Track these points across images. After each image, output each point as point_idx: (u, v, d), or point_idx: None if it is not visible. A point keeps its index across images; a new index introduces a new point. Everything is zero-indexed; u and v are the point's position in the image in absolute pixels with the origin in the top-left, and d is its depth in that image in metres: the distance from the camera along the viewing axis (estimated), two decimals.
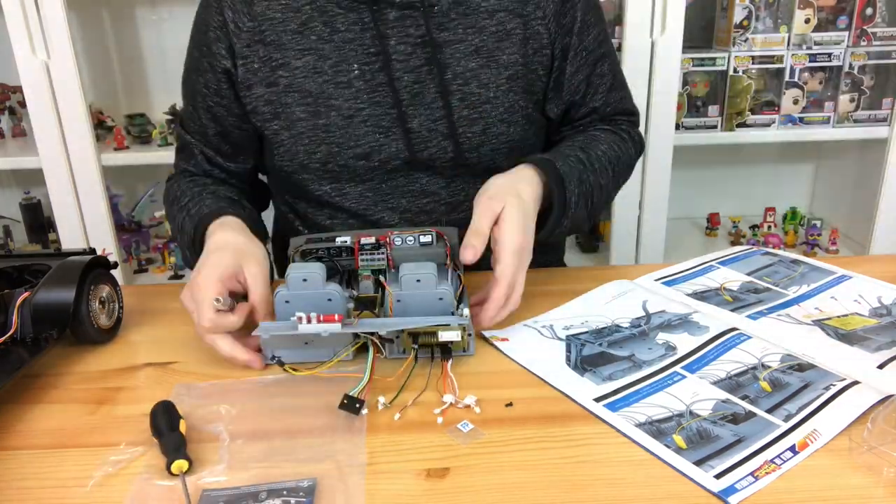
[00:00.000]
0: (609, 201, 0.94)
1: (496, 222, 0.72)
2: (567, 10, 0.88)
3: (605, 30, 0.93)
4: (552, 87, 0.91)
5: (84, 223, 1.56)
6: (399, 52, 0.84)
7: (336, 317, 0.64)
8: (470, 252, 0.70)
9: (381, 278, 0.74)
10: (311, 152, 0.87)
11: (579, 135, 0.93)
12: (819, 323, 0.75)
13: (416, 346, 0.68)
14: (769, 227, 1.83)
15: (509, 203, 0.73)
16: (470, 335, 0.70)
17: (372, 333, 0.67)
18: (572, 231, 0.86)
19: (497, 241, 0.72)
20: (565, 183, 0.80)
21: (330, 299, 0.67)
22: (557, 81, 0.91)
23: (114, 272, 0.79)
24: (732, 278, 0.87)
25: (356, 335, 0.68)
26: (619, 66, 0.97)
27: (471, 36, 0.85)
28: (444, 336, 0.67)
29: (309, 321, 0.64)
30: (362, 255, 0.75)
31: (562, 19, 0.88)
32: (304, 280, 0.67)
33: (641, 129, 1.02)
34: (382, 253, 0.75)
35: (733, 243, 1.80)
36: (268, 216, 0.99)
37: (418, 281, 0.68)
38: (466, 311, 0.69)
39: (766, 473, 0.52)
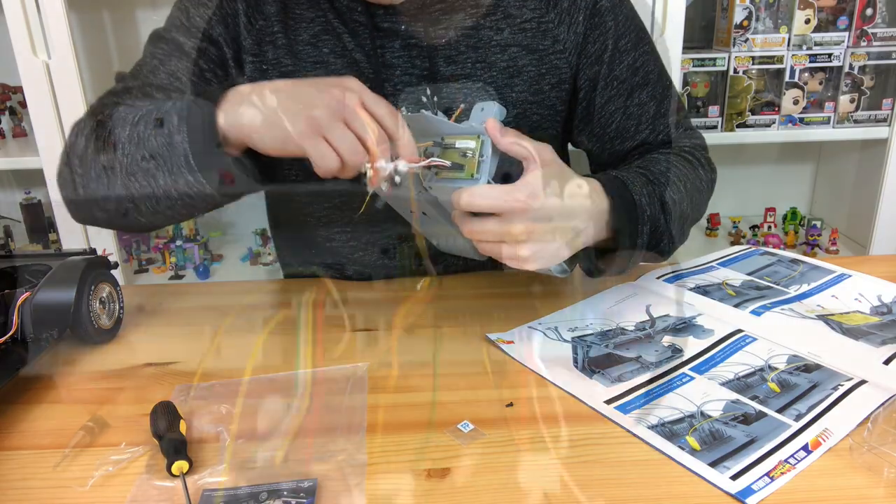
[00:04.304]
0: (687, 223, 0.83)
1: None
2: (596, 38, 0.84)
3: (648, 52, 0.87)
4: (581, 117, 0.88)
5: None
6: (403, 83, 0.82)
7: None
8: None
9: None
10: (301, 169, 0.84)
11: (636, 160, 0.86)
12: (823, 317, 0.75)
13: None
14: (769, 227, 1.83)
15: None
16: (483, 159, 0.65)
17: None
18: (655, 245, 0.76)
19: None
20: (628, 185, 0.73)
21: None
22: (587, 112, 0.88)
23: (114, 272, 0.79)
24: (733, 277, 0.87)
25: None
26: (669, 91, 0.88)
27: (479, 71, 0.82)
28: (461, 144, 0.66)
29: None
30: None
31: (588, 47, 0.84)
32: None
33: None
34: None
35: (733, 243, 1.80)
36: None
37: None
38: (485, 126, 0.65)
39: (782, 473, 0.52)
